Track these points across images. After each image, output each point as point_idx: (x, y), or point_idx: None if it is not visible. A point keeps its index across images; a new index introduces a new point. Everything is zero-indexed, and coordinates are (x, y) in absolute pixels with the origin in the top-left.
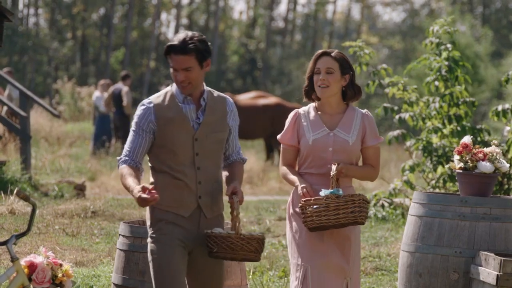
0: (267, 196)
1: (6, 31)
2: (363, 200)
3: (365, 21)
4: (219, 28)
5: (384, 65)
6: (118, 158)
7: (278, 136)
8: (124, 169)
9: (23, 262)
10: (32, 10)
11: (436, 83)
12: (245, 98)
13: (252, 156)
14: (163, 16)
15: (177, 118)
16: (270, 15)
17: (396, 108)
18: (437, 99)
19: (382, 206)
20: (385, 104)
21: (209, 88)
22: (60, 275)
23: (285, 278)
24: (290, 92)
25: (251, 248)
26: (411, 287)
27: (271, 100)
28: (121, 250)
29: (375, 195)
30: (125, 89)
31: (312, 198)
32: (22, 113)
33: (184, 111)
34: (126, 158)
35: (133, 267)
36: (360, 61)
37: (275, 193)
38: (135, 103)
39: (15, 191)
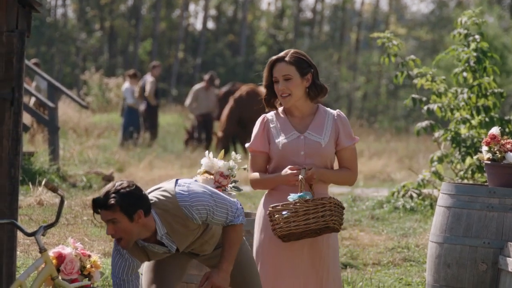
0: None
1: (34, 22)
2: (335, 204)
3: (393, 12)
4: (247, 19)
5: (412, 56)
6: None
7: (247, 144)
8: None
9: (51, 253)
10: (60, 1)
11: (464, 74)
12: None
13: None
14: (191, 7)
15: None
16: (298, 6)
17: (424, 99)
18: (465, 90)
19: (411, 197)
20: (413, 95)
21: (159, 210)
22: (88, 266)
23: None
24: None
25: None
26: (439, 278)
27: None
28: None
29: (404, 186)
30: (149, 79)
31: (280, 204)
32: (50, 104)
33: (154, 251)
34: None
35: None
36: (388, 52)
37: None
38: (164, 94)
39: (43, 182)
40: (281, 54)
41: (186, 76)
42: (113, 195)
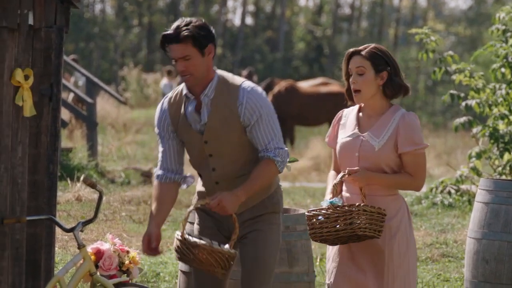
0: None
1: (72, 18)
2: (364, 211)
3: (432, 8)
4: (286, 14)
5: (451, 52)
6: (154, 170)
7: (326, 138)
8: (154, 190)
9: (90, 249)
10: None
11: (503, 70)
12: (308, 84)
13: (318, 143)
14: (230, 2)
15: (181, 125)
16: (336, 1)
17: (462, 95)
18: (504, 86)
19: (449, 193)
20: (451, 91)
21: (223, 76)
22: (127, 262)
23: None
24: None
25: (218, 262)
26: (477, 273)
27: (334, 87)
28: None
29: (442, 182)
30: None
31: (317, 209)
32: (89, 99)
33: (187, 116)
34: (160, 172)
35: None
36: (426, 48)
37: None
38: None
39: (81, 178)
40: (360, 47)
41: (225, 71)
42: (185, 27)
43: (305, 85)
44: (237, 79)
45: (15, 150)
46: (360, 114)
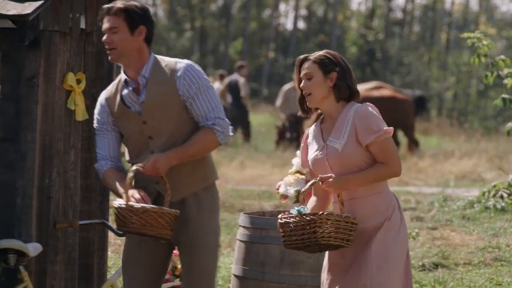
0: None
1: None
2: (326, 219)
3: (483, 12)
4: (338, 19)
5: (503, 56)
6: (95, 165)
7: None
8: (106, 179)
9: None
10: (150, 1)
11: None
12: (361, 89)
13: None
14: (282, 6)
15: (119, 111)
16: (388, 6)
17: None
18: None
19: (501, 197)
20: (503, 95)
21: (159, 58)
22: (179, 266)
23: None
24: (410, 83)
25: (168, 224)
26: None
27: (385, 92)
28: (241, 241)
29: (494, 186)
30: (241, 80)
31: (287, 216)
32: None
33: (124, 100)
34: (103, 162)
35: (253, 258)
36: (478, 52)
37: (395, 184)
38: (254, 93)
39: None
40: (310, 54)
41: (277, 76)
42: (123, 2)
43: (358, 88)
44: (173, 59)
45: (68, 155)
46: (322, 125)
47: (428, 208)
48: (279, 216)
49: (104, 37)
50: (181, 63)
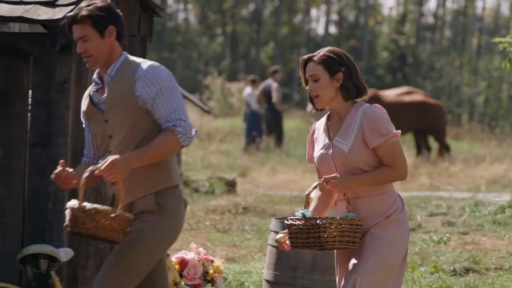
0: (418, 192)
1: (156, 27)
2: (330, 224)
3: None
4: (369, 24)
5: None
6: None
7: (306, 155)
8: (75, 170)
9: (174, 258)
10: (181, 6)
11: None
12: (392, 94)
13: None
14: (313, 12)
15: (88, 110)
16: (419, 11)
17: None
18: None
19: None
20: None
21: (129, 57)
22: (211, 271)
23: (437, 274)
24: (441, 88)
25: (120, 227)
26: None
27: (417, 97)
28: (272, 246)
29: None
30: (274, 85)
31: (294, 218)
32: None
33: (92, 99)
34: (83, 159)
35: (284, 263)
36: (510, 57)
37: (426, 189)
38: (286, 99)
39: None
40: (315, 53)
41: None
42: (86, 8)
43: (389, 94)
44: (141, 59)
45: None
46: (329, 122)
47: (459, 213)
48: (288, 217)
49: (78, 48)
50: (145, 63)
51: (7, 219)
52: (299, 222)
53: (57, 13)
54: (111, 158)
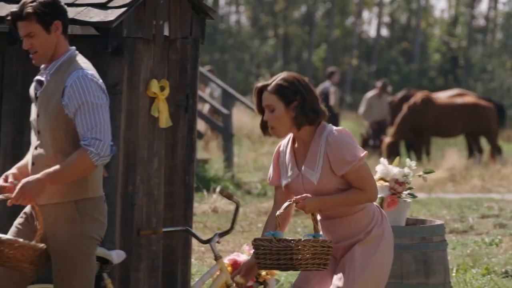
0: (469, 194)
1: (208, 29)
2: (303, 246)
3: None
4: (421, 26)
5: None
6: None
7: (268, 178)
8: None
9: (226, 260)
10: (233, 8)
11: None
12: (444, 96)
13: (454, 154)
14: (365, 14)
15: (30, 91)
16: (471, 13)
17: None
18: None
19: None
20: None
21: (74, 57)
22: (263, 273)
23: (488, 276)
24: (492, 90)
25: (25, 257)
26: None
27: (468, 99)
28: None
29: None
30: (332, 88)
31: (261, 238)
32: (225, 111)
33: (35, 84)
34: None
35: None
36: None
37: (478, 191)
38: (341, 101)
39: (218, 189)
40: (268, 81)
41: (360, 83)
42: (30, 4)
43: (441, 96)
44: (81, 65)
45: (151, 162)
46: (295, 145)
47: (511, 215)
48: (254, 238)
49: (24, 44)
50: (78, 72)
51: None
52: (269, 244)
53: (109, 15)
54: (22, 182)
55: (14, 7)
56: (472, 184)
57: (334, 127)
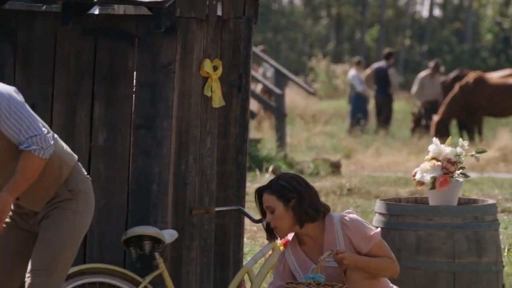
0: None
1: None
2: None
3: None
4: (473, 6)
5: None
6: None
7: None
8: None
9: (279, 240)
10: None
11: None
12: (497, 76)
13: (506, 133)
14: None
15: None
16: None
17: None
18: None
19: None
20: None
21: None
22: None
23: None
24: None
25: None
26: None
27: None
28: (377, 227)
29: None
30: (391, 70)
31: (295, 282)
32: (277, 90)
33: None
34: None
35: (389, 245)
36: None
37: None
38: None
39: (270, 169)
40: (266, 184)
41: (413, 63)
42: None
43: (493, 76)
44: None
45: (204, 141)
46: (303, 247)
47: None
48: (288, 282)
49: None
50: None
51: (111, 200)
52: (307, 287)
53: None
54: None
55: None
56: None
57: (340, 214)
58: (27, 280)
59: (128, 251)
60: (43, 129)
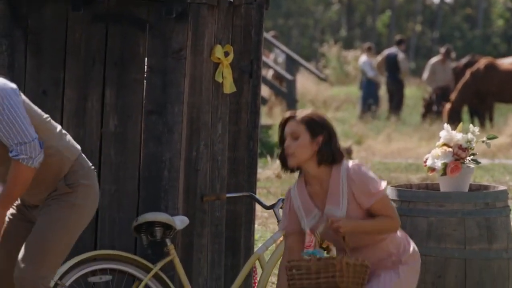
0: None
1: None
2: (347, 264)
3: None
4: None
5: None
6: None
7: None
8: None
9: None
10: None
11: None
12: (508, 62)
13: None
14: None
15: None
16: None
17: None
18: None
19: None
20: None
21: None
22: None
23: None
24: None
25: None
26: None
27: None
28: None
29: None
30: (401, 56)
31: (295, 260)
32: (289, 76)
33: None
34: None
35: None
36: None
37: None
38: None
39: None
40: (296, 112)
41: (424, 49)
42: None
43: (504, 62)
44: None
45: (215, 127)
46: (309, 189)
47: None
48: (288, 260)
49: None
50: None
51: (122, 187)
52: (307, 263)
53: None
54: None
55: None
56: None
57: (350, 163)
58: (16, 269)
59: (139, 237)
60: (34, 134)
